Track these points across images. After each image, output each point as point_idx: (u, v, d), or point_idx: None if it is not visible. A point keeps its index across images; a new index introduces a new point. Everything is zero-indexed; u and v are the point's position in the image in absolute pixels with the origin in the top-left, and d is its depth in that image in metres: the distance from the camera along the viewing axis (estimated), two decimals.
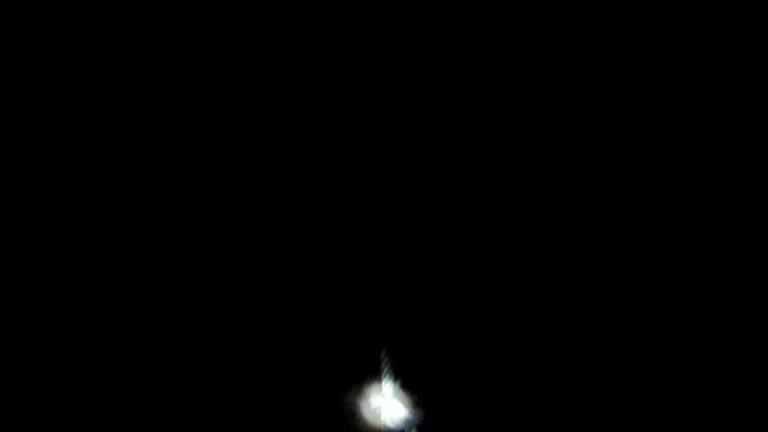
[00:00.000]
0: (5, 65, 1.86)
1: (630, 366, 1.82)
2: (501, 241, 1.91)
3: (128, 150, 1.91)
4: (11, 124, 1.87)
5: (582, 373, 1.82)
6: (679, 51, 1.90)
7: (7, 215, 1.85)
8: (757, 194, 1.85)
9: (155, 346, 1.82)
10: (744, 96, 1.87)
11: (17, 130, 1.88)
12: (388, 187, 1.94)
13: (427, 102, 1.95)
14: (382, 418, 1.32)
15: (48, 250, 1.86)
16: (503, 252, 1.91)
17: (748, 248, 1.83)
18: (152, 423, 1.76)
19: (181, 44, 1.91)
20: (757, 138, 1.86)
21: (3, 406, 1.75)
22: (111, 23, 1.89)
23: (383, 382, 1.36)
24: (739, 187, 1.86)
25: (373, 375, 1.49)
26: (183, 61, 1.92)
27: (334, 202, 1.93)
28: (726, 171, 1.87)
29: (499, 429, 1.70)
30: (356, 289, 1.80)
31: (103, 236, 1.87)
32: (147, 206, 1.90)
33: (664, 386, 1.80)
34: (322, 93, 1.95)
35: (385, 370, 1.41)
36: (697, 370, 1.80)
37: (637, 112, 1.92)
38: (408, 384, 1.46)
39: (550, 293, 1.88)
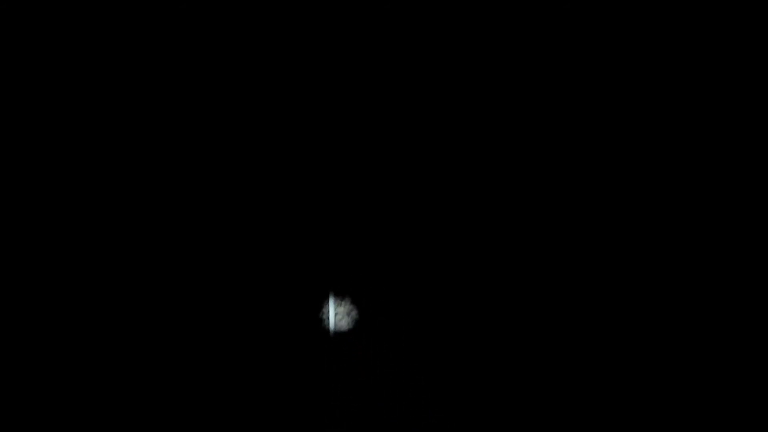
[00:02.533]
0: (5, 65, 1.86)
1: (611, 364, 1.82)
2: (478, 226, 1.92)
3: (113, 146, 1.91)
4: (11, 124, 1.87)
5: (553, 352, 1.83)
6: (679, 51, 1.90)
7: (7, 215, 1.85)
8: (757, 194, 1.85)
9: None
10: (744, 96, 1.87)
11: (17, 130, 1.88)
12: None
13: (425, 100, 1.95)
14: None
15: (47, 250, 1.86)
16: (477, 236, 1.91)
17: (748, 248, 1.84)
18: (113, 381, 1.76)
19: (181, 44, 1.91)
20: (757, 138, 1.86)
21: (3, 406, 1.76)
22: (111, 23, 1.89)
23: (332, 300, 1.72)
24: (739, 188, 1.87)
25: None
26: (183, 60, 1.92)
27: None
28: (726, 171, 1.87)
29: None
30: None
31: (82, 229, 1.88)
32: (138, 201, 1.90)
33: (650, 385, 1.80)
34: (321, 92, 1.95)
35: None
36: (697, 370, 1.80)
37: (637, 112, 1.92)
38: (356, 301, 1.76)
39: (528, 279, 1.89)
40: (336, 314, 1.63)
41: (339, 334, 1.61)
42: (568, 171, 1.91)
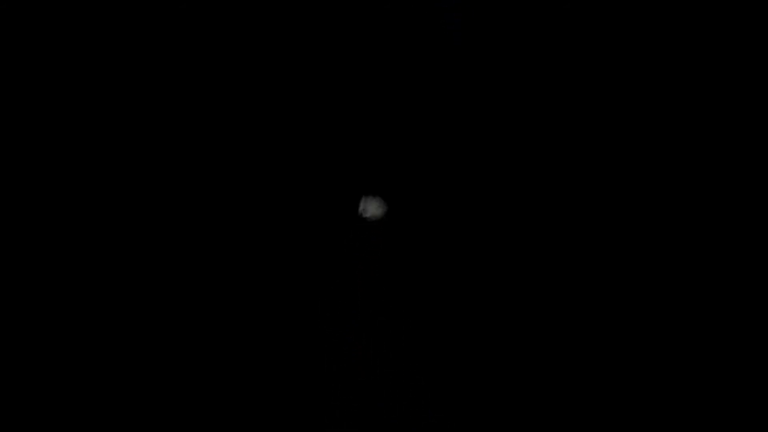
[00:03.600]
0: (5, 65, 1.87)
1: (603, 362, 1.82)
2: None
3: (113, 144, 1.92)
4: (11, 124, 1.88)
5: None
6: (679, 51, 1.90)
7: (7, 215, 1.85)
8: (757, 194, 1.85)
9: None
10: (744, 96, 1.88)
11: (17, 130, 1.88)
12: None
13: (424, 99, 1.95)
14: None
15: (47, 250, 1.86)
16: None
17: (748, 248, 1.84)
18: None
19: (181, 44, 1.91)
20: (757, 138, 1.86)
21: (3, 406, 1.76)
22: (111, 23, 1.89)
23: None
24: (739, 188, 1.87)
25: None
26: (182, 61, 1.92)
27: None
28: (726, 171, 1.88)
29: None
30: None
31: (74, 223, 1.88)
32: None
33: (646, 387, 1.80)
34: (319, 92, 1.95)
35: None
36: (697, 371, 1.80)
37: (637, 112, 1.92)
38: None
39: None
40: (371, 205, 1.95)
41: (370, 222, 1.95)
42: (567, 171, 1.91)
